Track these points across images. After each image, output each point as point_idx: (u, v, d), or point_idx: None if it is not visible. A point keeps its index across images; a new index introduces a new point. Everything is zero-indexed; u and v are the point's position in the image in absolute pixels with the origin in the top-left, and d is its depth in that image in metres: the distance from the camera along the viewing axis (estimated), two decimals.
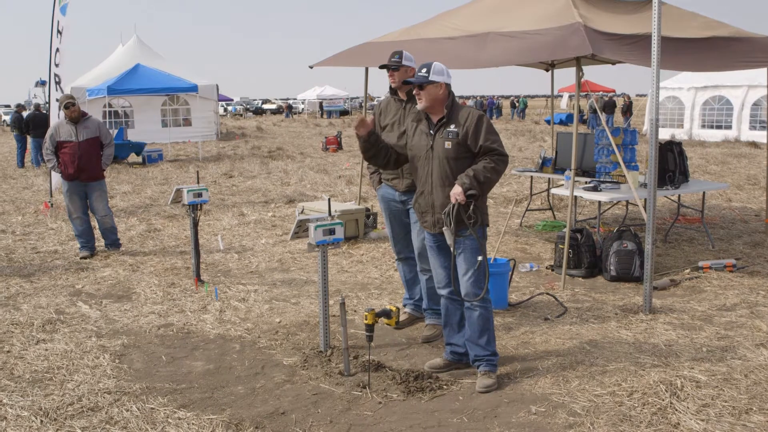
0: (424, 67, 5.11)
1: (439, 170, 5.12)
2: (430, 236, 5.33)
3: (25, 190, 16.29)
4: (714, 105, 28.70)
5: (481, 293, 5.13)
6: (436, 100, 5.12)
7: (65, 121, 9.28)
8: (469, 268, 5.09)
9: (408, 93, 6.13)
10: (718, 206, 12.52)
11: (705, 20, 9.19)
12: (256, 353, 5.91)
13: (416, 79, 5.11)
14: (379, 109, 6.39)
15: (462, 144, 5.05)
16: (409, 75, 6.06)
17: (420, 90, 5.10)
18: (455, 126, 5.08)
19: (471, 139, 5.03)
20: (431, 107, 5.14)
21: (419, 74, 5.11)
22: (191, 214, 7.82)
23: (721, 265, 8.17)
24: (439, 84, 5.09)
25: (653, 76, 6.54)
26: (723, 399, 4.81)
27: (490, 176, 4.97)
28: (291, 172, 19.15)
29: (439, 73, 5.09)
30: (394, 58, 6.07)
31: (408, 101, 6.13)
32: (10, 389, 5.19)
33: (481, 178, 4.93)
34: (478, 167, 4.97)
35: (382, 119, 6.30)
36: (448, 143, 5.08)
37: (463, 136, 5.04)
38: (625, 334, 6.15)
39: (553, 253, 8.80)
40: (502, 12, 9.00)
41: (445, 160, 5.09)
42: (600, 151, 9.36)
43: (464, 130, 5.04)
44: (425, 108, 5.16)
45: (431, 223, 5.21)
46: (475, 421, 4.64)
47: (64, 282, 8.16)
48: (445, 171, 5.09)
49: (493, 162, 4.98)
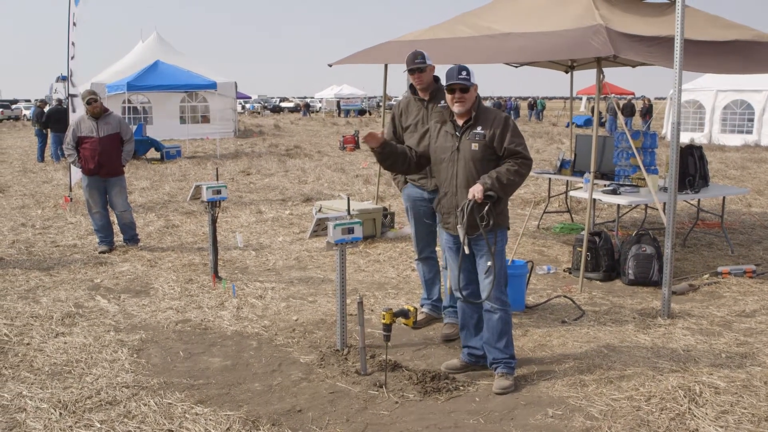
0: (463, 71, 5.05)
1: (464, 172, 5.09)
2: (450, 237, 5.32)
3: (45, 185, 16.41)
4: (735, 109, 28.47)
5: (503, 297, 5.12)
6: (473, 102, 5.10)
7: (87, 116, 9.34)
8: (491, 272, 5.06)
9: (431, 93, 6.13)
10: (737, 211, 12.42)
11: (727, 23, 9.13)
12: (273, 351, 5.92)
13: (463, 82, 5.02)
14: (399, 110, 6.38)
15: (489, 146, 5.03)
16: (431, 74, 6.06)
17: (464, 94, 5.04)
18: (482, 128, 5.06)
19: (497, 141, 5.01)
20: (467, 110, 5.11)
21: (460, 77, 5.03)
22: (210, 211, 7.84)
23: (741, 270, 8.11)
24: (475, 86, 5.09)
25: (675, 78, 6.49)
26: (742, 406, 4.77)
27: (513, 179, 4.96)
28: (308, 170, 19.18)
29: (473, 75, 5.08)
30: (417, 60, 6.04)
31: (430, 101, 6.12)
32: (29, 381, 5.23)
33: (504, 180, 4.92)
34: (501, 169, 4.96)
35: (404, 120, 6.29)
36: (475, 145, 5.05)
37: (490, 138, 5.02)
38: (643, 339, 6.12)
39: (570, 256, 8.76)
40: (522, 14, 8.97)
41: (471, 162, 5.06)
42: (619, 154, 9.31)
43: (491, 132, 5.02)
44: (465, 110, 5.10)
45: (454, 225, 5.17)
46: (492, 423, 4.63)
47: (83, 276, 8.21)
48: (471, 173, 5.06)
49: (517, 165, 4.97)
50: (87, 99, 9.24)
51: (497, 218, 5.03)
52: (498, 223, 5.05)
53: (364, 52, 10.61)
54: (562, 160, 10.59)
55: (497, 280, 5.07)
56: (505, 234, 5.24)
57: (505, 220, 5.20)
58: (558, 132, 36.20)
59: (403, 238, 10.08)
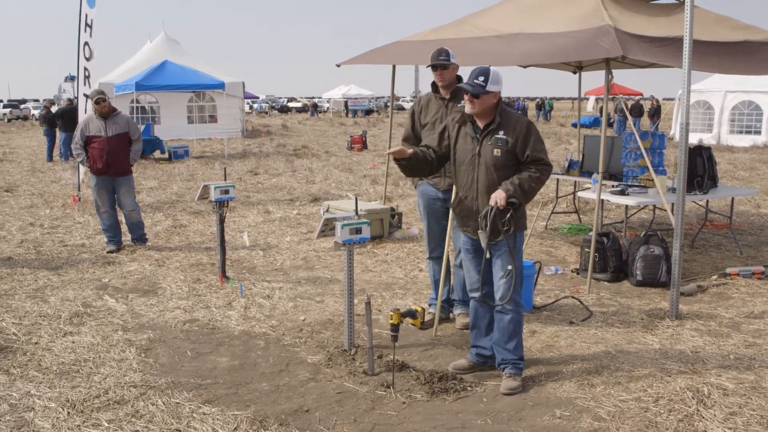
0: (481, 75, 4.92)
1: (485, 178, 5.01)
2: (469, 240, 5.24)
3: (53, 184, 16.47)
4: (744, 110, 28.39)
5: (517, 298, 5.11)
6: (488, 108, 5.01)
7: (95, 116, 9.36)
8: (508, 273, 5.04)
9: (452, 92, 6.13)
10: (746, 212, 12.38)
11: (737, 23, 9.10)
12: (280, 350, 5.93)
13: (473, 89, 4.91)
14: (419, 106, 6.38)
15: (511, 152, 4.96)
16: (455, 72, 6.05)
17: (474, 98, 4.94)
18: (505, 133, 4.96)
19: (520, 148, 4.95)
20: (481, 113, 5.03)
21: (476, 82, 4.91)
22: (218, 211, 7.85)
23: (750, 272, 8.08)
24: (493, 93, 4.96)
25: (684, 79, 6.47)
26: (751, 408, 4.75)
27: (534, 186, 4.93)
28: (316, 170, 19.19)
29: (495, 82, 4.93)
30: (441, 57, 6.04)
31: (450, 99, 6.12)
32: (38, 380, 5.25)
33: (525, 186, 4.88)
34: (523, 176, 4.90)
35: (423, 117, 6.29)
36: (497, 151, 4.96)
37: (513, 144, 4.95)
38: (651, 340, 6.10)
39: (578, 257, 8.75)
40: (530, 14, 8.95)
41: (493, 167, 4.98)
42: (627, 154, 9.29)
43: (515, 138, 4.94)
44: (474, 114, 5.04)
45: (473, 229, 5.10)
46: (500, 424, 4.62)
47: (91, 275, 8.24)
48: (492, 179, 4.98)
49: (538, 172, 4.92)
50: (95, 98, 9.27)
51: (517, 221, 5.00)
52: (517, 226, 5.02)
53: (371, 52, 10.61)
54: (570, 161, 10.57)
55: (511, 281, 5.05)
56: (522, 234, 5.23)
57: (524, 222, 5.17)
58: (566, 132, 36.14)
59: (410, 239, 10.08)
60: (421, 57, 9.86)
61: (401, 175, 17.38)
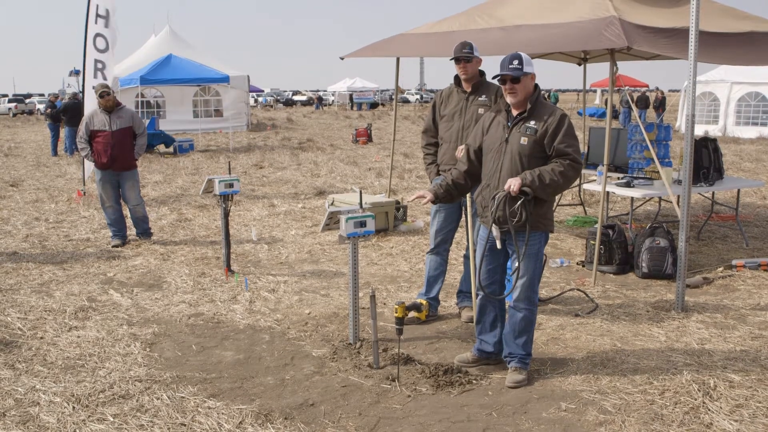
0: (515, 59, 4.85)
1: (509, 165, 4.91)
2: (485, 232, 5.14)
3: (59, 179, 16.49)
4: (750, 101, 28.29)
5: (533, 297, 5.06)
6: (527, 93, 4.92)
7: (99, 110, 9.35)
8: (525, 273, 4.98)
9: (474, 86, 6.11)
10: (752, 204, 12.34)
11: (742, 14, 9.06)
12: (285, 344, 5.93)
13: (514, 72, 4.84)
14: (440, 98, 6.37)
15: (539, 142, 4.85)
16: (477, 66, 6.03)
17: (516, 84, 4.87)
18: (536, 122, 4.87)
19: (548, 139, 4.83)
20: (522, 101, 4.94)
21: (512, 66, 4.85)
22: (222, 205, 7.85)
23: (756, 263, 8.05)
24: (531, 75, 4.91)
25: (690, 70, 6.44)
26: (757, 399, 4.74)
27: (557, 179, 4.76)
28: (321, 163, 19.18)
29: (528, 63, 4.87)
30: (465, 50, 6.01)
31: (471, 93, 6.11)
32: (43, 375, 5.25)
33: (546, 179, 4.74)
34: (547, 168, 4.78)
35: (442, 108, 6.29)
36: (524, 139, 4.87)
37: (542, 134, 4.84)
38: (657, 332, 6.08)
39: (584, 249, 8.73)
40: (535, 5, 8.93)
41: (518, 156, 4.88)
42: (633, 146, 9.26)
43: (544, 128, 4.84)
44: (517, 102, 4.94)
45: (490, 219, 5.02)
46: (505, 417, 4.61)
47: (96, 270, 8.24)
48: (517, 167, 4.88)
49: (563, 167, 4.77)
50: (100, 92, 9.25)
51: (536, 220, 4.89)
52: (535, 225, 4.89)
53: (375, 45, 10.59)
54: None
55: (530, 282, 5.00)
56: (543, 237, 5.04)
57: (546, 224, 5.02)
58: None
59: (415, 232, 10.07)
60: (425, 49, 9.86)
61: (406, 168, 17.43)
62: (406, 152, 21.40)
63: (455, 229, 6.42)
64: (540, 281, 5.25)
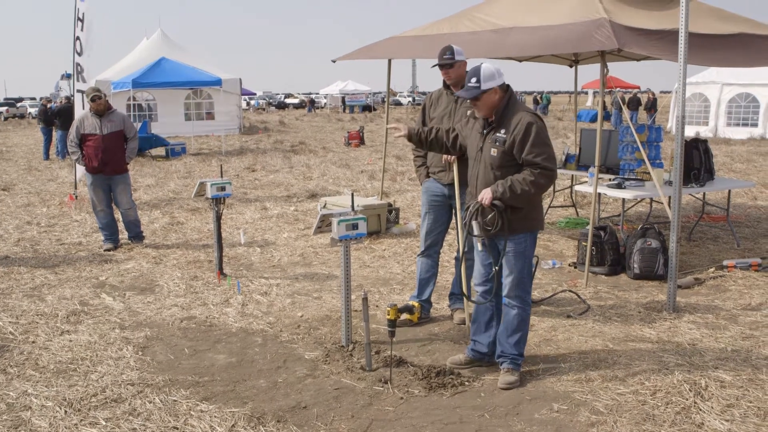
0: (473, 77, 4.87)
1: (484, 176, 4.98)
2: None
3: (50, 182, 16.44)
4: (740, 102, 28.41)
5: (525, 296, 5.09)
6: (492, 107, 4.93)
7: (90, 113, 9.33)
8: (512, 271, 5.02)
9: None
10: (743, 205, 12.39)
11: (731, 15, 9.11)
12: (278, 347, 5.92)
13: (468, 93, 4.89)
14: (430, 101, 6.38)
15: (508, 153, 4.86)
16: (462, 69, 6.03)
17: (476, 101, 4.91)
18: (505, 131, 4.87)
19: (516, 149, 4.83)
20: (488, 113, 4.96)
21: (469, 85, 4.88)
22: (214, 208, 7.84)
23: (747, 264, 8.08)
24: (492, 90, 4.89)
25: (680, 72, 6.47)
26: (748, 399, 4.76)
27: (527, 189, 4.77)
28: (313, 166, 19.18)
29: (489, 78, 4.86)
30: (446, 56, 6.00)
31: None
32: (35, 379, 5.24)
33: (517, 189, 4.77)
34: (519, 177, 4.80)
35: (432, 111, 6.30)
36: (494, 150, 4.90)
37: (510, 145, 4.84)
38: (649, 333, 6.10)
39: (575, 251, 8.75)
40: (525, 8, 8.95)
41: (490, 167, 4.93)
42: (624, 148, 9.29)
43: (512, 139, 4.83)
44: (483, 115, 4.98)
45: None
46: (497, 418, 4.62)
47: (88, 274, 8.23)
48: (490, 178, 4.94)
49: (534, 176, 4.77)
50: (91, 96, 9.23)
51: (519, 222, 4.92)
52: (518, 227, 4.93)
53: (367, 47, 10.60)
54: (566, 155, 10.56)
55: (518, 280, 5.03)
56: (529, 236, 5.05)
57: (532, 224, 5.05)
58: (563, 126, 36.11)
59: (408, 234, 10.07)
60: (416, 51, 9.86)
61: (399, 171, 17.44)
62: (398, 155, 21.41)
63: (445, 231, 6.44)
64: (532, 282, 5.26)
